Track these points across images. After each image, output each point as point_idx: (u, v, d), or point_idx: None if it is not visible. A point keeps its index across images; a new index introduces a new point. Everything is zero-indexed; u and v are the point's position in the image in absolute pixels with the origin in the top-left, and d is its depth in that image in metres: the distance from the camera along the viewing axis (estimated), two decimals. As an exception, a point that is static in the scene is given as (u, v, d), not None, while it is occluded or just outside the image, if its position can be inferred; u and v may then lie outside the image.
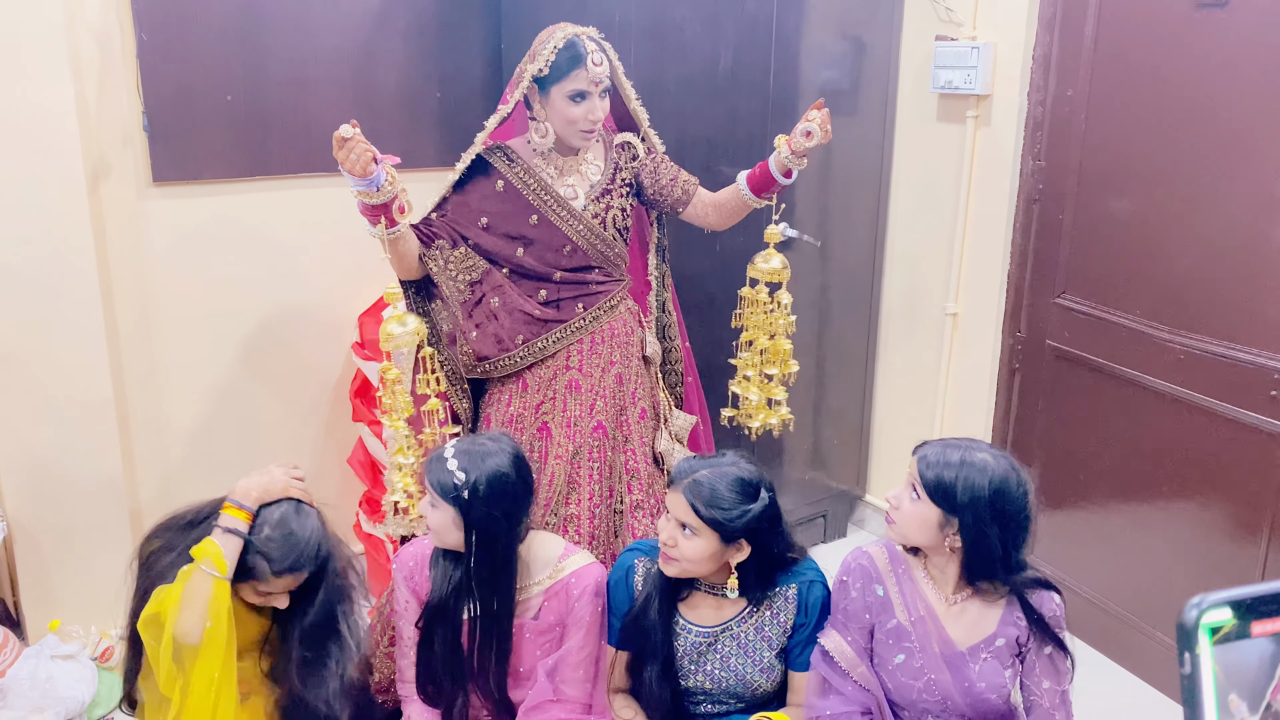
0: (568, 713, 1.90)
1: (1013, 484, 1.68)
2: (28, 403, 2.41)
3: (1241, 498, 2.31)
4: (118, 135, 2.49)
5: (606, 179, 2.25)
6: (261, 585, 1.79)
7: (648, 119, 2.32)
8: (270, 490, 1.82)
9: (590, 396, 2.23)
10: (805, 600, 1.89)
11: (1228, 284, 2.29)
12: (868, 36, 2.98)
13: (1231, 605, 0.65)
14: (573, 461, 2.21)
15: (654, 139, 2.35)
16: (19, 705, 2.27)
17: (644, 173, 2.29)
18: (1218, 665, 0.64)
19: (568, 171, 2.22)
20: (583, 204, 2.21)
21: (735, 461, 1.83)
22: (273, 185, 2.73)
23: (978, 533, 1.67)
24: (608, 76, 2.14)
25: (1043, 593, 1.75)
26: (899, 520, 1.75)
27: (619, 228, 2.26)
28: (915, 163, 3.07)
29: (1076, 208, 2.63)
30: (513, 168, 2.20)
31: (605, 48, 2.14)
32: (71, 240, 2.37)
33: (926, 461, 1.71)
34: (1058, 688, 1.74)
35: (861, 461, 3.39)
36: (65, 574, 2.54)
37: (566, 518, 2.19)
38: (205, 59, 2.55)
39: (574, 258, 2.21)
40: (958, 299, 3.00)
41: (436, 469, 1.84)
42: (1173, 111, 2.36)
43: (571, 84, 2.10)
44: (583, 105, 2.12)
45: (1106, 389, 2.61)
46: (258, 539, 1.77)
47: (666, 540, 1.80)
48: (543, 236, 2.20)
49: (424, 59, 2.87)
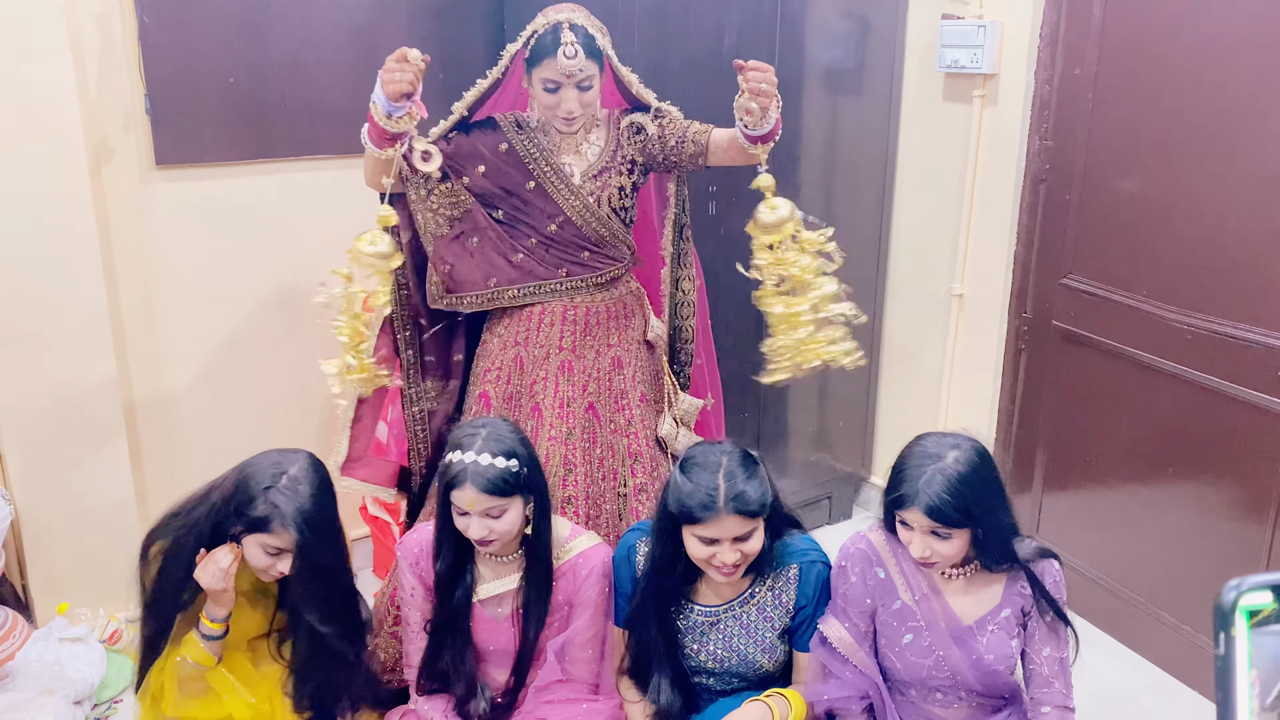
0: (576, 693, 1.91)
1: (981, 455, 1.71)
2: (32, 386, 2.41)
3: (1248, 478, 2.30)
4: (120, 118, 2.48)
5: (606, 158, 2.21)
6: (271, 540, 1.79)
7: (655, 96, 2.24)
8: (215, 586, 1.83)
9: (583, 378, 2.22)
10: (807, 579, 1.89)
11: (1235, 264, 2.28)
12: (873, 15, 2.96)
13: (1273, 589, 0.64)
14: (567, 443, 2.20)
15: (669, 108, 2.23)
16: (28, 688, 2.29)
17: (652, 145, 2.21)
18: (1254, 649, 0.63)
19: (568, 150, 2.20)
20: (578, 182, 2.18)
21: (730, 450, 1.82)
22: (275, 168, 2.72)
23: (990, 518, 1.70)
24: (581, 70, 2.04)
25: (1043, 561, 1.77)
26: (942, 560, 1.72)
27: (615, 207, 2.20)
28: (921, 143, 3.06)
29: (1083, 188, 2.62)
30: (520, 134, 2.17)
31: (595, 36, 2.06)
32: (74, 223, 2.36)
33: (933, 508, 1.66)
34: (1057, 654, 1.76)
35: (867, 443, 3.39)
36: (73, 557, 2.55)
37: (564, 499, 2.19)
38: (207, 41, 2.54)
39: (564, 230, 2.18)
40: (963, 280, 2.99)
41: (486, 475, 1.76)
42: (1181, 90, 2.35)
43: (545, 71, 2.06)
44: (555, 95, 2.07)
45: (1113, 370, 2.60)
46: (270, 492, 1.78)
47: (737, 562, 1.78)
48: (536, 202, 2.17)
49: (426, 41, 2.84)
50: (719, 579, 1.83)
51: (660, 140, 2.20)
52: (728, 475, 1.75)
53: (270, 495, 1.77)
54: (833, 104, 2.95)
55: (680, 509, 1.76)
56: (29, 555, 2.53)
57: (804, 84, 2.86)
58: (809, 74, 2.86)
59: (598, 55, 2.08)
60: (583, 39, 2.04)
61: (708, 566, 1.80)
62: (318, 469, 1.86)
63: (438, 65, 2.88)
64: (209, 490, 1.90)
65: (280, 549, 1.80)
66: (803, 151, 2.92)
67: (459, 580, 1.91)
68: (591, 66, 2.07)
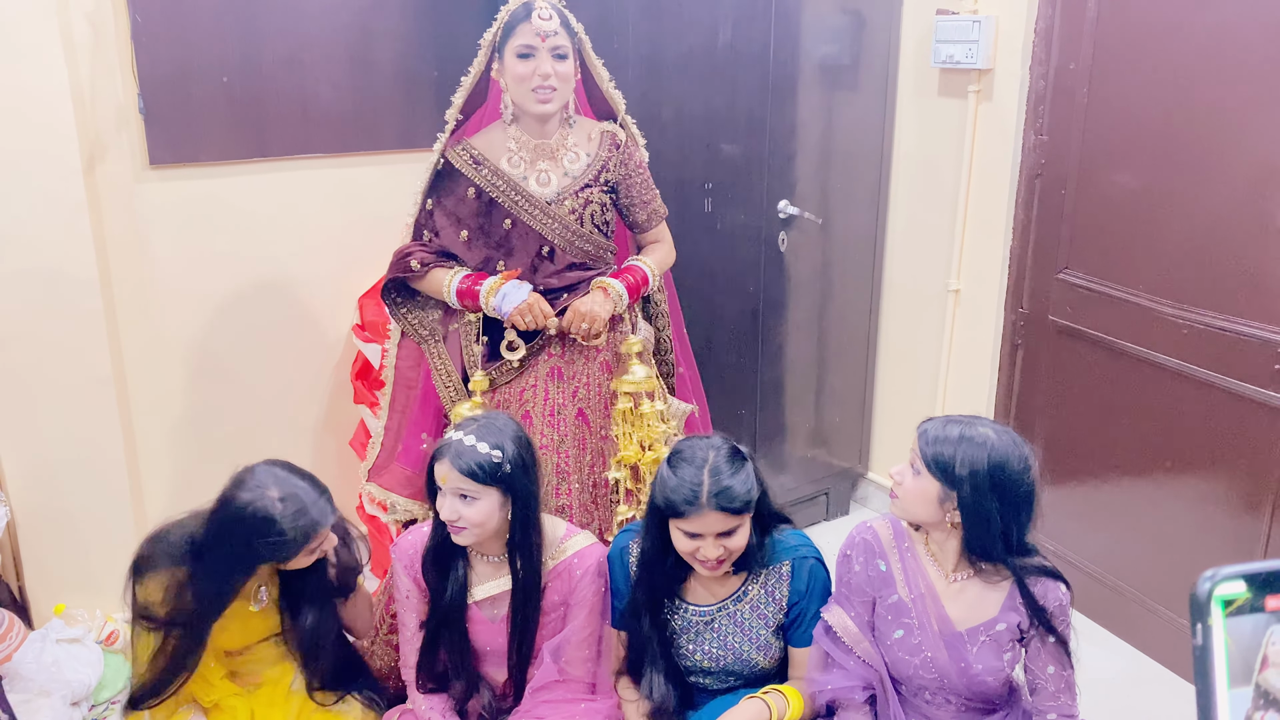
0: (573, 692, 1.91)
1: (1014, 459, 1.67)
2: (28, 386, 2.40)
3: (1245, 472, 2.31)
4: (113, 118, 2.47)
5: (590, 174, 2.18)
6: (317, 541, 1.85)
7: (624, 104, 2.25)
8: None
9: (572, 384, 2.21)
10: (799, 575, 1.89)
11: (1231, 258, 2.28)
12: (868, 11, 2.96)
13: (1246, 578, 0.66)
14: (559, 450, 2.19)
15: (633, 129, 2.27)
16: (26, 689, 2.28)
17: (624, 182, 2.23)
18: (1230, 637, 0.65)
19: (543, 155, 2.16)
20: (554, 194, 2.15)
21: (718, 445, 1.81)
22: (270, 167, 2.71)
23: (976, 506, 1.67)
24: (557, 34, 2.05)
25: (1048, 581, 1.73)
26: (901, 495, 1.75)
27: (598, 222, 2.20)
28: (916, 138, 3.06)
29: (1078, 182, 2.62)
30: (480, 170, 2.15)
31: (566, 14, 2.09)
32: (68, 223, 2.36)
33: (927, 437, 1.71)
34: (1061, 672, 1.73)
35: (864, 439, 3.39)
36: (69, 557, 2.54)
37: (558, 508, 2.18)
38: (200, 40, 2.53)
39: (554, 259, 2.17)
40: (959, 275, 2.99)
41: (466, 457, 1.79)
42: (1175, 85, 2.35)
43: (518, 39, 2.05)
44: (530, 62, 2.05)
45: (1109, 364, 2.60)
46: (270, 535, 1.78)
47: (721, 557, 1.78)
48: (519, 240, 2.16)
49: (421, 38, 2.84)
50: (704, 573, 1.84)
51: (625, 184, 2.24)
52: (713, 471, 1.75)
53: (286, 527, 1.80)
54: (828, 99, 2.95)
55: (665, 503, 1.77)
56: (25, 556, 2.52)
57: (799, 79, 2.86)
58: (804, 69, 2.86)
59: (572, 35, 2.09)
60: (557, 12, 2.07)
61: (692, 560, 1.81)
62: (278, 466, 1.89)
63: (433, 62, 2.89)
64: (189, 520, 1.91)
65: (320, 545, 1.87)
66: (798, 147, 2.92)
67: (448, 573, 1.91)
68: (566, 39, 2.08)
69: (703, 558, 1.78)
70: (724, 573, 1.85)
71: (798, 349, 3.12)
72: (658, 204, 2.29)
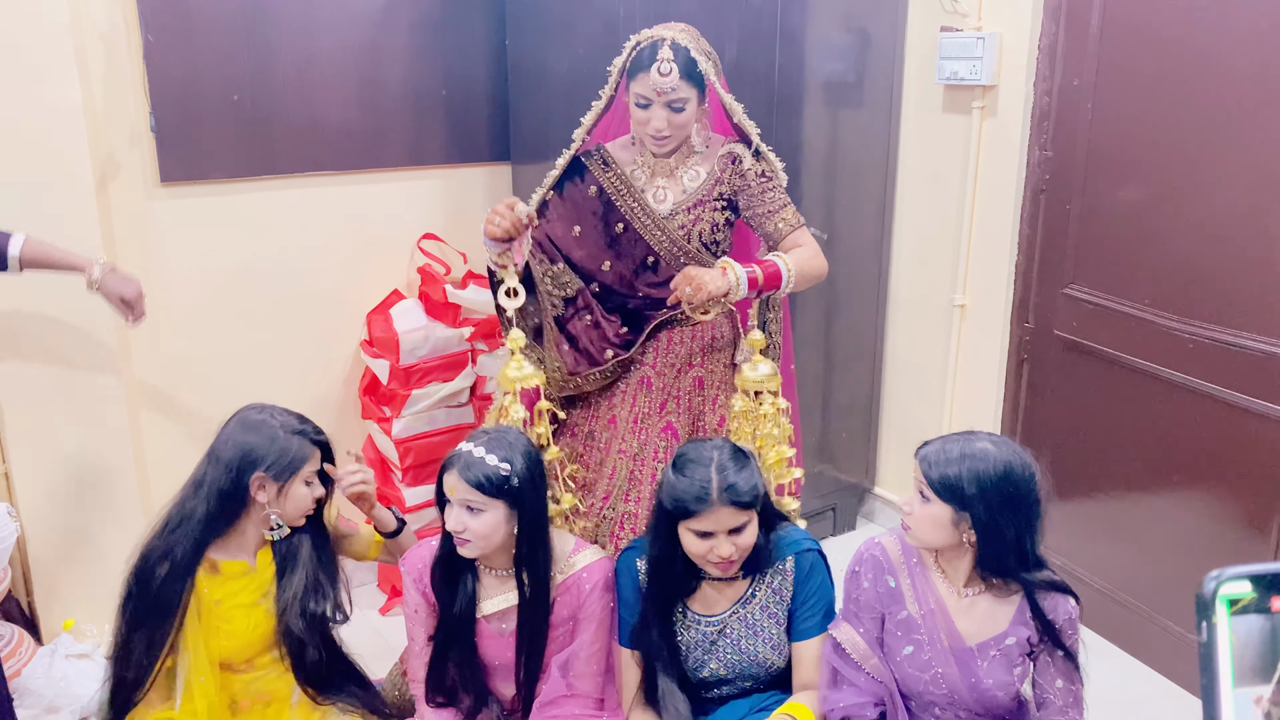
0: (581, 707, 1.91)
1: (1018, 467, 1.68)
2: (40, 404, 2.42)
3: (1252, 487, 2.30)
4: (125, 136, 2.50)
5: (704, 191, 2.15)
6: (311, 468, 1.94)
7: (759, 132, 2.16)
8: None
9: (661, 395, 2.19)
10: (801, 568, 1.91)
11: (1236, 272, 2.28)
12: (872, 28, 2.97)
13: (1252, 579, 0.67)
14: (636, 459, 2.17)
15: (770, 158, 2.16)
16: (34, 704, 2.29)
17: (744, 193, 2.14)
18: (1234, 636, 0.66)
19: (662, 173, 2.16)
20: (669, 210, 2.14)
21: (720, 445, 1.83)
22: (280, 184, 2.74)
23: (990, 522, 1.67)
24: (674, 90, 2.00)
25: (1057, 596, 1.72)
26: (914, 525, 1.74)
27: (706, 241, 2.14)
28: (921, 155, 3.07)
29: (1083, 198, 2.63)
30: (607, 173, 2.16)
31: (697, 60, 2.01)
32: (80, 241, 2.37)
33: (929, 461, 1.70)
34: (1070, 687, 1.73)
35: (870, 454, 3.39)
36: (79, 573, 2.55)
37: (624, 514, 2.16)
38: (211, 59, 2.56)
39: (657, 270, 2.14)
40: (965, 290, 3.00)
41: (475, 469, 1.79)
42: (1179, 100, 2.36)
43: (638, 86, 2.03)
44: (645, 112, 2.04)
45: (1115, 379, 2.60)
46: (279, 438, 1.92)
47: (733, 556, 1.79)
48: (627, 245, 2.15)
49: (429, 56, 2.87)
50: (717, 574, 1.84)
51: (749, 199, 2.14)
52: (720, 468, 1.77)
53: (280, 435, 1.92)
54: (833, 116, 2.97)
55: (675, 504, 1.78)
56: (35, 572, 2.53)
57: (804, 96, 2.87)
58: (809, 86, 2.88)
59: (697, 79, 2.04)
60: (682, 60, 2.00)
61: (705, 562, 1.82)
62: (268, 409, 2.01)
63: (441, 81, 2.92)
64: (193, 492, 1.95)
65: (314, 473, 1.95)
66: (804, 164, 2.93)
67: (457, 586, 1.92)
68: (687, 89, 2.02)
69: (716, 557, 1.78)
70: (734, 573, 1.85)
71: (804, 364, 3.12)
72: (789, 213, 2.12)
